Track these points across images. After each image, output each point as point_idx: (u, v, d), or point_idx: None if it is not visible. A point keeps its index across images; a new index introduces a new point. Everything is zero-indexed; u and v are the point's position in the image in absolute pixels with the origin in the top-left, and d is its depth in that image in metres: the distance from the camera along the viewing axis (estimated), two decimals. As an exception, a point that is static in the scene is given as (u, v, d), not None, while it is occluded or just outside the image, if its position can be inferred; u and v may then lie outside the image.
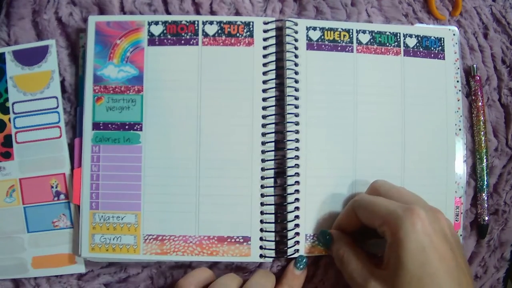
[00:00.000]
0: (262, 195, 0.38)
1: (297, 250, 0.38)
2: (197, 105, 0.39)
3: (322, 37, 0.41)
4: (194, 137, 0.39)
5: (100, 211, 0.38)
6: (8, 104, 0.39)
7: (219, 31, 0.40)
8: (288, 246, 0.38)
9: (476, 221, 0.43)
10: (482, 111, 0.43)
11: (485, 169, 0.42)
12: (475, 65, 0.44)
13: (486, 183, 0.42)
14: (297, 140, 0.39)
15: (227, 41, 0.40)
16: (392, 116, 0.41)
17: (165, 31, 0.39)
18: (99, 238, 0.38)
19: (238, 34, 0.40)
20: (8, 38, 0.40)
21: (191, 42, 0.40)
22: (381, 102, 0.41)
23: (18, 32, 0.40)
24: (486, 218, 0.42)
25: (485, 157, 0.43)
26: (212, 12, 0.41)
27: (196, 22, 0.40)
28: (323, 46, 0.40)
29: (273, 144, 0.39)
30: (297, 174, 0.39)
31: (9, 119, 0.39)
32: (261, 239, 0.38)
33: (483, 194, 0.42)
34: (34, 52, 0.40)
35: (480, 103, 0.43)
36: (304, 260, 0.38)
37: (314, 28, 0.40)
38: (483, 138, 0.43)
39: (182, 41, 0.39)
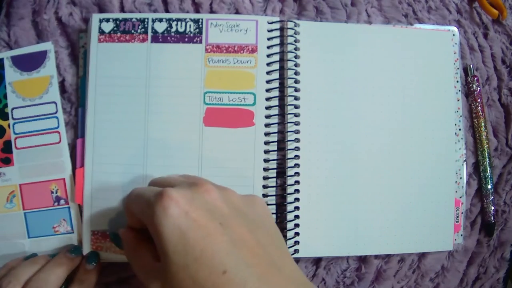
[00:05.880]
0: (264, 195, 0.38)
1: (297, 250, 0.38)
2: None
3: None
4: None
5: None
6: (8, 110, 0.39)
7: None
8: (288, 246, 0.38)
9: (483, 219, 0.43)
10: (481, 109, 0.43)
11: (488, 166, 0.43)
12: (471, 65, 0.44)
13: (490, 179, 0.43)
14: (297, 140, 0.39)
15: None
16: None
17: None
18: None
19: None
20: (8, 38, 0.40)
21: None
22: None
23: (18, 32, 0.40)
24: (492, 216, 0.42)
25: (487, 154, 0.43)
26: (212, 12, 0.41)
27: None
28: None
29: (276, 144, 0.39)
30: (297, 174, 0.39)
31: (9, 125, 0.39)
32: (262, 239, 0.38)
33: (489, 192, 0.43)
34: (32, 57, 0.39)
35: (479, 103, 0.43)
36: (97, 257, 0.37)
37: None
38: (484, 134, 0.43)
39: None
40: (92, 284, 0.36)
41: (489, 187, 0.43)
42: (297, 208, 0.39)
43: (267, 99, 0.39)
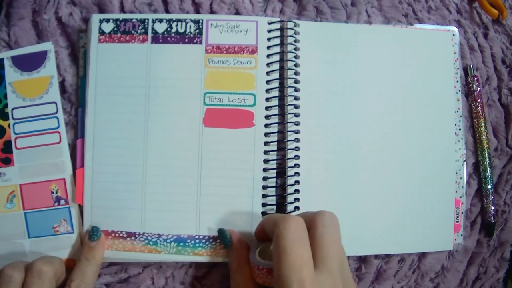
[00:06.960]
0: (264, 196, 0.38)
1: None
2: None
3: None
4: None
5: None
6: (8, 110, 0.39)
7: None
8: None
9: (483, 219, 0.43)
10: (481, 109, 0.43)
11: (488, 166, 0.43)
12: (471, 65, 0.44)
13: (490, 179, 0.43)
14: (297, 140, 0.39)
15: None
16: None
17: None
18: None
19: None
20: (8, 38, 0.40)
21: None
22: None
23: (18, 32, 0.40)
24: (492, 216, 0.42)
25: (487, 154, 0.43)
26: (212, 12, 0.41)
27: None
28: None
29: (275, 144, 0.39)
30: (297, 174, 0.39)
31: (9, 125, 0.39)
32: (262, 239, 0.38)
33: (489, 192, 0.43)
34: (32, 57, 0.39)
35: (479, 103, 0.43)
36: (99, 232, 0.37)
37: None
38: (484, 134, 0.43)
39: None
40: (99, 261, 0.36)
41: (489, 187, 0.43)
42: (297, 208, 0.39)
43: (267, 99, 0.39)
